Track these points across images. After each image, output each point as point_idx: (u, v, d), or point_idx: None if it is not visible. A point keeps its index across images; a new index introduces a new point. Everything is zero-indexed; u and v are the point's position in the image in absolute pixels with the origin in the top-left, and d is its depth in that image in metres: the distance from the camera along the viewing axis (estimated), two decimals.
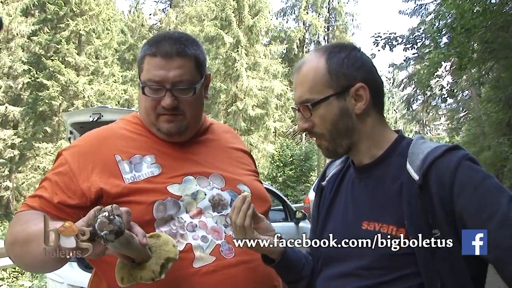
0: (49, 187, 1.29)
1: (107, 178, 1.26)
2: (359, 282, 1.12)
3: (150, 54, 1.32)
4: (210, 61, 25.51)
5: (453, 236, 1.03)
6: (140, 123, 1.41)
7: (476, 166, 1.06)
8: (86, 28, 21.91)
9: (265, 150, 24.69)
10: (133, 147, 1.34)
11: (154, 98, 1.32)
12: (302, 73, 1.20)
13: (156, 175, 1.30)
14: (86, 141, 1.38)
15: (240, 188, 1.39)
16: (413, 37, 11.18)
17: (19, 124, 22.48)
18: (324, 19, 35.74)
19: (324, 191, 1.33)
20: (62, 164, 1.31)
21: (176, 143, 1.39)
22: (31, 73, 21.23)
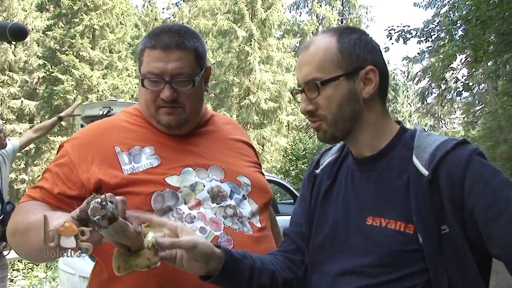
0: (50, 178, 1.31)
1: (106, 169, 1.28)
2: (365, 280, 1.08)
3: (150, 46, 1.33)
4: (223, 54, 25.49)
5: (461, 232, 1.01)
6: (140, 115, 1.42)
7: (485, 161, 1.04)
8: (100, 22, 22.01)
9: (277, 143, 24.64)
10: (132, 139, 1.35)
11: (153, 91, 1.33)
12: (310, 52, 1.15)
13: (155, 166, 1.30)
14: (87, 133, 1.40)
15: (239, 179, 1.40)
16: (427, 30, 11.03)
17: (34, 118, 22.72)
18: (337, 12, 35.43)
19: (317, 180, 1.28)
20: (63, 156, 1.33)
21: (176, 135, 1.39)
22: (46, 68, 21.42)
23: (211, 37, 27.17)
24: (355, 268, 1.10)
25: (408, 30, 10.87)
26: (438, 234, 1.01)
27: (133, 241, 1.06)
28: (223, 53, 25.63)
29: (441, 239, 1.01)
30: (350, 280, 1.11)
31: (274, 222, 1.63)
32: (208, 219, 1.28)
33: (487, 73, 16.38)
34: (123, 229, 1.01)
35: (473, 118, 26.77)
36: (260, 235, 1.34)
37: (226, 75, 24.61)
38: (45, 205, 1.27)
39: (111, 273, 1.24)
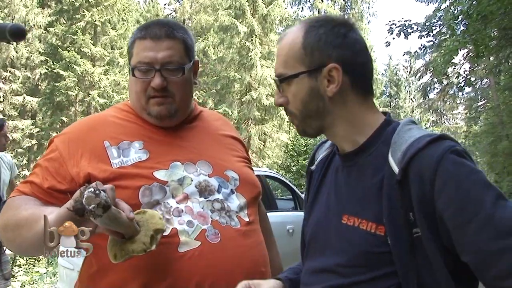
0: (40, 173, 1.32)
1: (95, 164, 1.29)
2: (337, 280, 1.06)
3: (140, 37, 1.36)
4: (224, 50, 25.45)
5: (433, 236, 0.94)
6: (130, 111, 1.44)
7: (461, 159, 0.95)
8: (102, 18, 21.98)
9: (279, 139, 24.64)
10: (122, 133, 1.37)
11: (144, 80, 1.34)
12: (280, 46, 1.13)
13: (144, 160, 1.32)
14: (77, 128, 1.42)
15: (227, 174, 1.41)
16: (428, 25, 10.99)
17: (37, 114, 22.77)
18: (339, 7, 35.34)
19: (313, 176, 1.27)
20: (53, 151, 1.35)
21: (166, 129, 1.41)
22: (48, 64, 21.42)
23: (212, 33, 27.12)
24: (329, 267, 1.09)
25: (409, 25, 10.84)
26: (409, 237, 0.96)
27: (127, 228, 1.08)
28: (224, 49, 25.59)
29: (413, 243, 0.96)
30: (325, 278, 1.09)
31: (264, 217, 1.65)
32: (196, 213, 1.29)
33: (489, 68, 16.33)
34: (116, 216, 1.03)
35: (475, 113, 26.61)
36: (247, 229, 1.36)
37: (227, 71, 24.59)
38: (35, 200, 1.28)
39: (100, 266, 1.29)
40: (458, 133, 44.48)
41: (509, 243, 0.86)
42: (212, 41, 27.61)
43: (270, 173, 6.66)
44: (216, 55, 26.89)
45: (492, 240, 0.87)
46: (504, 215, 0.88)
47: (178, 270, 1.22)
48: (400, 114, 46.51)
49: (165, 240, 1.21)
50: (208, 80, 26.17)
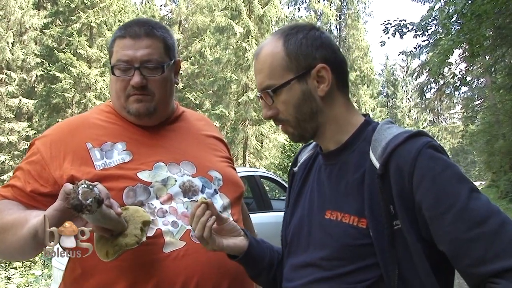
0: (21, 176, 1.30)
1: (78, 166, 1.28)
2: (320, 273, 1.09)
3: (119, 36, 1.34)
4: (221, 51, 25.46)
5: (413, 228, 0.98)
6: (112, 112, 1.42)
7: (438, 154, 1.00)
8: (97, 20, 21.99)
9: (276, 140, 24.65)
10: (104, 135, 1.35)
11: (124, 79, 1.33)
12: (260, 60, 1.14)
13: (127, 162, 1.31)
14: (58, 130, 1.39)
15: (211, 174, 1.40)
16: (423, 24, 11.03)
17: (33, 116, 22.75)
18: (335, 7, 35.42)
19: (295, 178, 1.30)
20: (35, 154, 1.33)
21: (148, 130, 1.40)
22: (44, 66, 21.43)
23: (209, 34, 27.13)
24: (313, 261, 1.11)
25: (404, 24, 10.88)
26: (390, 230, 0.99)
27: (117, 224, 1.09)
28: (220, 49, 25.60)
29: (394, 235, 0.99)
30: (308, 272, 1.12)
31: (246, 217, 1.65)
32: (180, 213, 1.29)
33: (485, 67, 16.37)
34: (106, 212, 1.03)
35: (472, 112, 26.71)
36: None
37: (224, 72, 24.58)
38: (17, 204, 1.27)
39: (84, 269, 1.27)
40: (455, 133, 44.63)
41: (481, 232, 0.91)
42: (208, 42, 27.61)
43: (265, 173, 6.66)
44: (213, 56, 26.89)
45: (466, 230, 0.92)
46: (477, 207, 0.93)
47: (164, 270, 1.22)
48: (397, 114, 46.63)
49: (150, 241, 1.21)
50: (205, 81, 26.18)
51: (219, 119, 24.43)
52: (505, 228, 0.91)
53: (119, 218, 1.09)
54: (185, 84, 28.58)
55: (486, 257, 0.90)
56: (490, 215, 0.93)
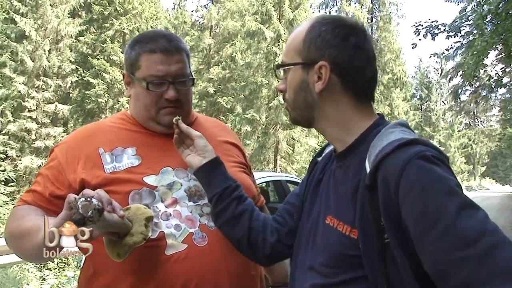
0: (41, 181, 1.40)
1: (89, 169, 1.35)
2: (319, 279, 1.07)
3: (148, 50, 1.39)
4: (252, 56, 25.54)
5: (400, 243, 0.92)
6: (126, 119, 1.50)
7: (429, 165, 0.91)
8: (130, 27, 22.44)
9: (307, 144, 24.53)
10: (116, 140, 1.42)
11: (156, 93, 1.39)
12: (290, 36, 1.21)
13: (135, 166, 1.36)
14: (75, 136, 1.49)
15: None
16: (456, 25, 10.75)
17: (68, 121, 23.36)
18: (367, 10, 35.06)
19: (315, 168, 1.30)
20: (53, 160, 1.42)
21: (160, 135, 1.45)
22: (78, 72, 22.01)
23: (239, 39, 27.28)
24: (315, 265, 1.11)
25: (436, 26, 10.63)
26: (380, 243, 0.94)
27: (121, 226, 1.13)
28: (251, 54, 25.68)
29: (384, 248, 0.94)
30: (310, 276, 1.11)
31: None
32: (184, 217, 1.33)
33: None
34: (109, 218, 1.08)
35: (510, 115, 25.88)
36: None
37: (254, 76, 24.65)
38: (36, 209, 1.34)
39: (95, 269, 1.34)
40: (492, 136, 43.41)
41: (467, 255, 0.82)
42: (239, 46, 27.76)
43: (292, 178, 6.61)
44: (244, 60, 27.01)
45: (450, 250, 0.84)
46: (467, 225, 0.84)
47: (165, 272, 1.26)
48: (432, 117, 45.68)
49: (152, 243, 1.26)
50: (236, 86, 26.31)
51: (250, 123, 24.49)
52: (496, 250, 0.81)
53: (123, 220, 1.13)
54: (216, 89, 28.79)
55: (470, 282, 0.81)
56: (482, 235, 0.82)
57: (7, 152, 19.61)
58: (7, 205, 11.79)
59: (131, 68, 1.43)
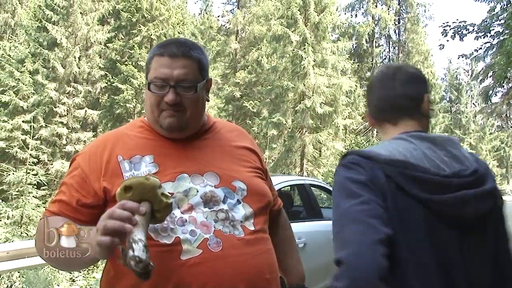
0: (66, 190, 1.43)
1: (110, 178, 1.38)
2: None
3: (158, 54, 1.43)
4: (277, 59, 25.54)
5: None
6: (144, 126, 1.53)
7: (343, 170, 1.22)
8: (157, 32, 22.74)
9: (333, 147, 24.34)
10: (134, 148, 1.45)
11: (158, 95, 1.41)
12: None
13: (153, 174, 1.36)
14: (95, 145, 1.51)
15: (235, 184, 1.45)
16: (485, 25, 10.51)
17: (98, 126, 23.81)
18: (394, 11, 34.61)
19: None
20: (75, 168, 1.45)
21: (176, 142, 1.48)
22: (107, 78, 22.41)
23: (265, 43, 27.31)
24: None
25: (464, 26, 10.43)
26: None
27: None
28: (277, 58, 25.68)
29: None
30: None
31: (283, 225, 1.74)
32: (199, 223, 1.34)
33: None
34: (147, 226, 1.15)
35: None
36: (252, 238, 1.39)
37: (280, 80, 24.63)
38: (63, 219, 1.33)
39: (115, 271, 1.37)
40: None
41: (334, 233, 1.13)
42: (265, 50, 27.78)
43: (316, 181, 6.58)
44: (270, 64, 27.01)
45: (335, 250, 1.10)
46: (343, 233, 1.12)
47: (180, 276, 1.27)
48: (462, 119, 44.70)
49: (168, 248, 1.29)
50: (262, 90, 26.34)
51: (276, 127, 24.47)
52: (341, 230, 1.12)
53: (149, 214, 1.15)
54: (242, 93, 28.89)
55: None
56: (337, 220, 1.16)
57: (39, 157, 20.11)
58: (39, 208, 12.07)
59: (146, 70, 1.48)
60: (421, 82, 1.36)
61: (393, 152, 1.19)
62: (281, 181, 5.01)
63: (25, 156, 17.82)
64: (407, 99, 1.31)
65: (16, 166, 17.25)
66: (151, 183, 1.16)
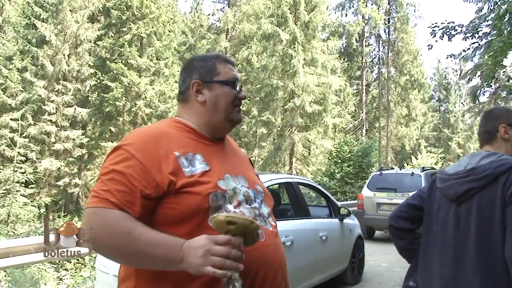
0: (123, 179, 1.37)
1: (172, 171, 1.41)
2: None
3: (222, 60, 1.67)
4: (267, 58, 25.58)
5: None
6: (182, 127, 1.60)
7: None
8: (147, 31, 22.65)
9: (323, 146, 24.44)
10: (185, 146, 1.51)
11: (233, 93, 1.63)
12: None
13: (207, 171, 1.49)
14: (143, 138, 1.48)
15: (257, 188, 1.65)
16: (473, 25, 10.60)
17: (87, 124, 23.67)
18: (384, 11, 34.78)
19: None
20: (129, 158, 1.40)
21: (214, 144, 1.62)
22: (97, 76, 22.27)
23: (255, 41, 27.33)
24: None
25: (452, 27, 10.50)
26: None
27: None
28: (267, 56, 25.71)
29: None
30: None
31: None
32: (247, 216, 1.48)
33: None
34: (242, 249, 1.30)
35: None
36: (275, 231, 1.62)
37: (270, 78, 24.67)
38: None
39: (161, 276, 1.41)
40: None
41: None
42: (255, 49, 27.82)
43: (304, 180, 6.61)
44: (259, 63, 27.06)
45: None
46: None
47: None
48: (450, 119, 45.05)
49: None
50: (252, 88, 26.35)
51: (265, 125, 24.51)
52: None
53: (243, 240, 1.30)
54: None
55: None
56: None
57: (27, 155, 19.96)
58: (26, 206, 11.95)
59: (209, 74, 1.63)
60: (495, 118, 1.97)
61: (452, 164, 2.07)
62: (270, 179, 5.03)
63: (12, 154, 17.64)
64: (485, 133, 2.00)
65: (4, 164, 17.08)
66: (254, 228, 1.31)
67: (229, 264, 1.22)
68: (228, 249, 1.24)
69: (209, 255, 1.22)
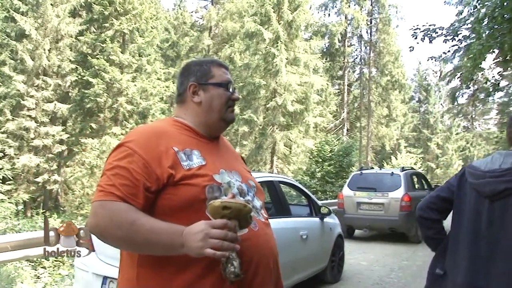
0: (126, 174, 1.48)
1: (171, 165, 1.52)
2: None
3: (217, 64, 1.79)
4: (250, 56, 25.60)
5: None
6: (182, 126, 1.71)
7: None
8: (130, 27, 22.46)
9: (304, 145, 24.58)
10: (184, 143, 1.62)
11: (227, 94, 1.74)
12: None
13: (204, 165, 1.59)
14: (144, 136, 1.60)
15: (249, 182, 1.75)
16: (453, 28, 10.76)
17: (67, 120, 23.36)
18: (366, 12, 35.10)
19: None
20: (131, 154, 1.52)
21: (210, 142, 1.73)
22: (78, 72, 22.00)
23: (238, 40, 27.32)
24: None
25: (433, 29, 10.65)
26: None
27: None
28: (250, 55, 25.74)
29: None
30: None
31: None
32: None
33: None
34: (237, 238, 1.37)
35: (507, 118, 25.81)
36: (267, 222, 1.73)
37: (252, 77, 24.70)
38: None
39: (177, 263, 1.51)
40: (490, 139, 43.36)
41: None
42: (238, 47, 27.81)
43: (285, 179, 6.65)
44: (242, 61, 27.06)
45: None
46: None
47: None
48: (430, 120, 45.69)
49: None
50: (234, 87, 26.31)
51: (247, 124, 24.54)
52: None
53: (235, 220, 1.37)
54: None
55: None
56: None
57: (5, 151, 19.62)
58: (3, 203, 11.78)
59: (204, 77, 1.74)
60: None
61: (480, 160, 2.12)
62: None
63: None
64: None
65: None
66: (247, 211, 1.39)
67: (226, 245, 1.30)
68: (225, 231, 1.32)
69: (207, 238, 1.30)
